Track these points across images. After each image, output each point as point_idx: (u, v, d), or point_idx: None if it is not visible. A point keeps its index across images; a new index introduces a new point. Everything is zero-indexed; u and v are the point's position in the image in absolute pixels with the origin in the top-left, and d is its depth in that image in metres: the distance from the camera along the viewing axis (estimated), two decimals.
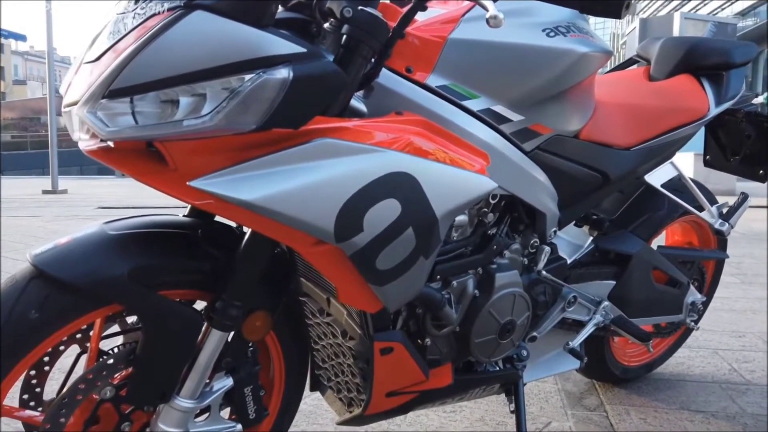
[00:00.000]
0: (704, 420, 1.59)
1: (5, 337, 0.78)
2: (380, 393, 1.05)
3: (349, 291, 0.89)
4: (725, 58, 1.46)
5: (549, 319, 1.31)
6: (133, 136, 0.74)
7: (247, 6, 0.72)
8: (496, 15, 0.74)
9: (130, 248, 0.86)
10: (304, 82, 0.74)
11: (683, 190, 1.53)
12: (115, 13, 0.79)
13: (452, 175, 0.87)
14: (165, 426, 0.91)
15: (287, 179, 0.76)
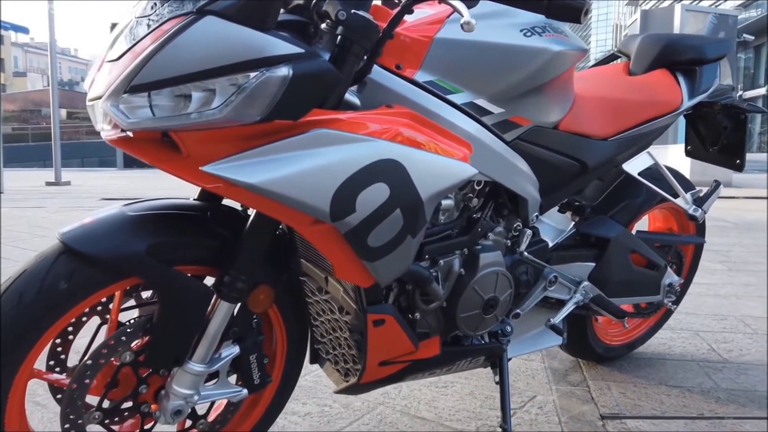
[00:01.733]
0: (680, 394, 1.69)
1: (39, 305, 0.88)
2: (374, 362, 1.14)
3: (344, 267, 0.99)
4: (698, 54, 1.55)
5: (531, 297, 1.41)
6: (150, 127, 0.84)
7: (252, 12, 0.82)
8: (469, 21, 0.83)
9: (148, 227, 0.96)
10: (302, 79, 0.83)
11: (660, 178, 1.62)
12: (133, 16, 0.89)
13: (436, 162, 0.97)
14: (179, 387, 1.01)
15: (288, 165, 0.85)
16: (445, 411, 1.61)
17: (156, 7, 0.85)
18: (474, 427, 1.52)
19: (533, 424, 1.53)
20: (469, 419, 1.56)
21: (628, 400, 1.65)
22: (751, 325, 2.28)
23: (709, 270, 3.22)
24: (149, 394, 1.03)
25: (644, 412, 1.59)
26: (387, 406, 1.62)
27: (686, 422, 1.53)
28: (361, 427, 1.51)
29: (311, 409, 1.60)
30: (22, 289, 0.89)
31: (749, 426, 1.51)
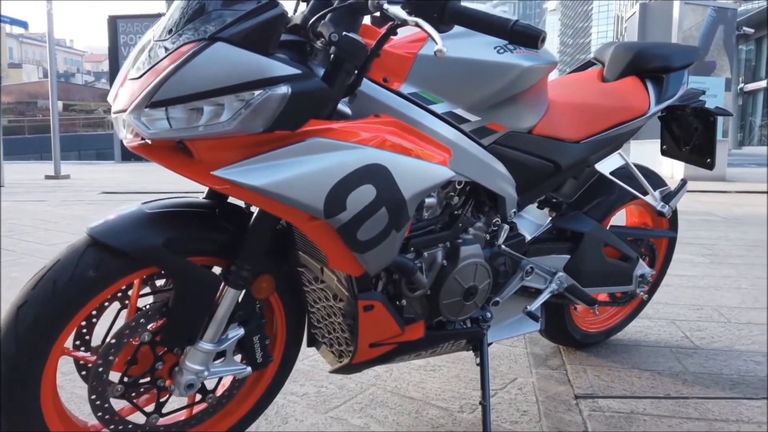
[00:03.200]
0: (650, 377, 1.83)
1: (71, 291, 1.01)
2: (364, 344, 1.28)
3: (337, 258, 1.12)
4: (665, 63, 1.68)
5: (510, 287, 1.54)
6: (167, 137, 0.96)
7: (256, 39, 0.94)
8: (441, 49, 0.96)
9: (164, 223, 1.08)
10: (299, 96, 0.96)
11: (632, 177, 1.75)
12: (153, 39, 1.01)
13: (417, 166, 1.09)
14: (191, 364, 1.14)
15: (287, 169, 0.98)
16: (432, 391, 1.74)
17: (173, 33, 0.97)
18: (458, 406, 1.65)
19: (512, 403, 1.67)
20: (453, 399, 1.70)
21: (602, 382, 1.79)
22: (725, 315, 2.42)
23: (692, 263, 3.36)
24: (165, 370, 1.16)
25: (615, 392, 1.72)
26: (378, 387, 1.76)
27: (653, 401, 1.66)
28: (354, 406, 1.64)
29: (309, 390, 1.74)
30: (55, 277, 1.02)
31: (710, 405, 1.64)
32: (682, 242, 3.92)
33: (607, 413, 1.59)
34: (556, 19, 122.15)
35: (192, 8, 0.98)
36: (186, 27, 0.97)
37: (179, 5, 1.01)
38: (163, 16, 1.06)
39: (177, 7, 1.02)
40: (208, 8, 0.96)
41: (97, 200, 6.54)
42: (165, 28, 1.01)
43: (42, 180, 9.31)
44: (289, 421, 1.56)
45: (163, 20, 1.04)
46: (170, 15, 1.02)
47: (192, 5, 0.99)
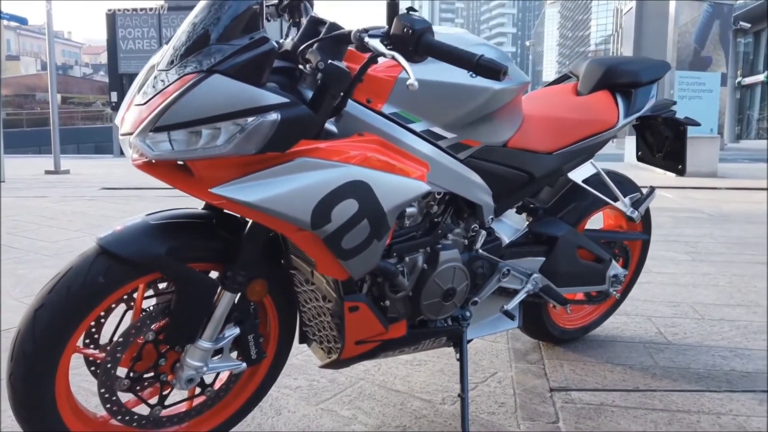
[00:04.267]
0: (622, 371, 1.95)
1: (82, 295, 1.12)
2: (351, 342, 1.39)
3: (324, 264, 1.23)
4: (634, 79, 1.79)
5: (487, 287, 1.66)
6: (170, 157, 1.07)
7: (249, 72, 1.05)
8: (413, 83, 1.06)
9: (166, 233, 1.20)
10: (288, 122, 1.07)
11: (604, 184, 1.86)
12: (156, 68, 1.12)
13: (396, 181, 1.20)
14: (191, 360, 1.25)
15: (277, 186, 1.09)
16: (417, 385, 1.86)
17: (174, 64, 1.08)
18: (440, 398, 1.77)
19: (491, 396, 1.79)
20: (437, 391, 1.82)
21: (576, 376, 1.91)
22: (700, 311, 2.54)
23: (674, 260, 3.47)
24: (167, 366, 1.28)
25: (588, 385, 1.84)
26: (367, 381, 1.88)
27: (622, 394, 1.78)
28: (343, 399, 1.76)
29: (301, 383, 1.86)
30: (69, 283, 1.13)
31: (675, 397, 1.76)
32: (667, 240, 4.04)
33: (579, 405, 1.71)
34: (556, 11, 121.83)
35: (192, 41, 1.09)
36: (187, 59, 1.07)
37: (181, 36, 1.12)
38: (166, 45, 1.17)
39: (179, 38, 1.12)
40: (206, 42, 1.07)
41: (97, 196, 6.64)
42: (167, 58, 1.11)
43: (42, 175, 9.40)
44: (282, 413, 1.67)
45: (166, 49, 1.14)
46: (172, 45, 1.13)
47: (192, 38, 1.09)
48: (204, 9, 1.12)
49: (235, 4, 1.09)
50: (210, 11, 1.10)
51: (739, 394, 1.78)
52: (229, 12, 1.09)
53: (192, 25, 1.11)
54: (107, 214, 5.23)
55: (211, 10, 1.10)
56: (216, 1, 1.11)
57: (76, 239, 4.10)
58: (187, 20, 1.14)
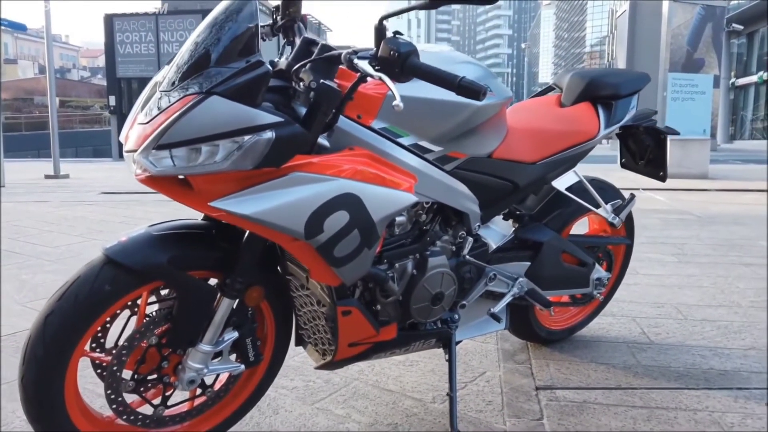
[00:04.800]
0: (605, 370, 2.03)
1: (90, 303, 1.20)
2: (344, 344, 1.47)
3: (318, 271, 1.31)
4: (614, 91, 1.87)
5: (475, 291, 1.73)
6: (171, 173, 1.15)
7: (245, 93, 1.13)
8: (398, 104, 1.14)
9: (168, 243, 1.27)
10: (282, 140, 1.15)
11: (587, 192, 1.94)
12: (159, 90, 1.19)
13: (385, 193, 1.28)
14: (192, 363, 1.33)
15: (273, 200, 1.17)
16: (409, 384, 1.94)
17: (175, 86, 1.16)
18: (431, 397, 1.85)
19: (479, 394, 1.87)
20: (427, 391, 1.90)
21: (561, 375, 1.99)
22: (683, 312, 2.63)
23: (661, 262, 3.56)
24: (170, 368, 1.35)
25: (572, 384, 1.93)
26: (361, 381, 1.96)
27: (604, 392, 1.87)
28: (338, 398, 1.84)
29: (298, 384, 1.93)
30: (77, 291, 1.20)
31: (654, 394, 1.85)
32: (655, 242, 4.13)
33: (562, 402, 1.79)
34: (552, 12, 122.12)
35: (194, 60, 1.16)
36: (188, 81, 1.15)
37: (184, 55, 1.19)
38: (167, 66, 1.25)
39: (182, 56, 1.20)
40: (207, 64, 1.15)
41: (97, 201, 6.70)
42: (170, 78, 1.19)
43: (42, 180, 9.46)
44: (279, 412, 1.75)
45: (168, 70, 1.22)
46: (176, 63, 1.20)
47: (194, 57, 1.17)
48: (206, 29, 1.20)
49: (234, 26, 1.17)
50: (211, 31, 1.18)
51: (715, 392, 1.86)
52: (228, 33, 1.17)
53: (194, 44, 1.19)
54: (108, 219, 5.30)
55: (213, 30, 1.18)
56: (217, 22, 1.19)
57: (77, 244, 4.17)
58: (190, 39, 1.22)
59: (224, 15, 1.20)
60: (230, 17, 1.19)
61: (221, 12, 1.21)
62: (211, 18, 1.22)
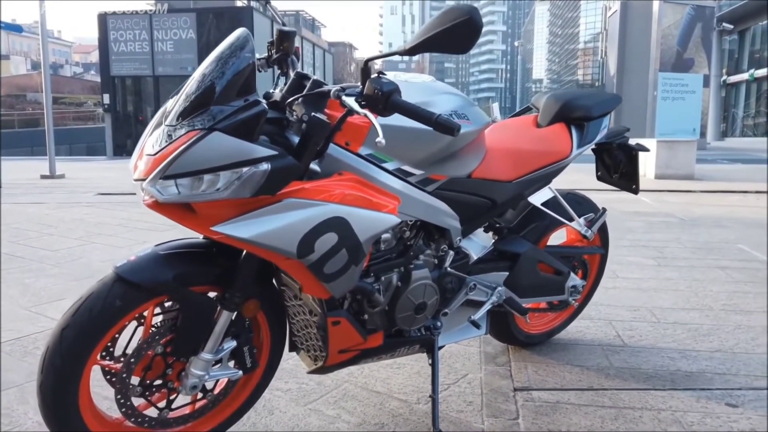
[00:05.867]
0: (579, 371, 2.17)
1: (103, 317, 1.32)
2: (334, 350, 1.60)
3: (309, 286, 1.44)
4: (586, 113, 2.01)
5: (456, 300, 1.87)
6: (176, 200, 1.27)
7: (243, 130, 1.25)
8: (380, 141, 1.26)
9: (173, 261, 1.40)
10: (276, 171, 1.27)
11: (562, 206, 2.08)
12: (165, 124, 1.31)
13: (370, 215, 1.41)
14: (194, 370, 1.46)
15: (268, 224, 1.30)
16: (396, 386, 2.07)
17: (179, 121, 1.28)
18: (416, 399, 1.99)
19: (461, 396, 2.00)
20: (413, 392, 2.03)
21: (538, 377, 2.13)
22: (657, 315, 2.77)
23: (640, 266, 3.71)
24: (174, 374, 1.48)
25: (548, 385, 2.06)
26: (350, 383, 2.09)
27: (576, 393, 2.01)
28: (329, 400, 1.97)
29: (292, 386, 2.06)
30: (91, 306, 1.33)
31: (623, 395, 1.99)
32: (637, 245, 4.27)
33: (537, 403, 1.93)
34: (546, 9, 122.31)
35: (199, 96, 1.28)
36: (191, 117, 1.27)
37: (192, 85, 1.31)
38: (173, 99, 1.37)
39: (190, 85, 1.32)
40: (210, 101, 1.27)
41: (94, 202, 6.80)
42: (176, 112, 1.31)
43: (38, 180, 9.54)
44: (274, 413, 1.88)
45: (174, 104, 1.34)
46: (185, 92, 1.32)
47: (199, 92, 1.29)
48: (213, 62, 1.32)
49: (237, 61, 1.30)
50: (217, 65, 1.31)
51: (680, 392, 2.00)
52: (232, 68, 1.30)
53: (202, 75, 1.31)
54: (105, 222, 5.41)
55: (219, 63, 1.31)
56: (223, 57, 1.31)
57: (77, 247, 4.28)
58: (199, 70, 1.34)
59: (229, 50, 1.33)
60: (234, 53, 1.32)
61: (227, 47, 1.34)
62: (219, 51, 1.35)
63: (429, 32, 1.25)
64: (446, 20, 1.23)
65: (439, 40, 1.25)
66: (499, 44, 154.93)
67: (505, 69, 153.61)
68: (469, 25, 1.21)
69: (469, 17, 1.20)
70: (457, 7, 1.22)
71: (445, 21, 1.23)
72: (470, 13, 1.21)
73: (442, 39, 1.24)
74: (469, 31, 1.22)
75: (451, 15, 1.23)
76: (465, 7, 1.22)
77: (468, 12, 1.21)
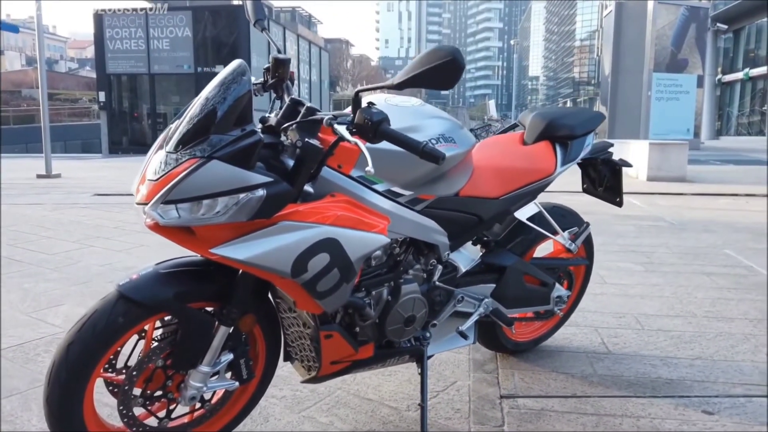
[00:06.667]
0: (564, 379, 2.26)
1: (107, 333, 1.39)
2: (327, 362, 1.67)
3: (303, 303, 1.51)
4: (570, 132, 2.09)
5: (444, 312, 1.95)
6: (177, 224, 1.34)
7: (241, 158, 1.32)
8: (369, 170, 1.34)
9: (173, 280, 1.47)
10: (271, 196, 1.35)
11: (546, 220, 2.16)
12: (165, 152, 1.38)
13: (360, 236, 1.48)
14: (193, 382, 1.53)
15: (263, 245, 1.37)
16: (387, 393, 2.15)
17: (180, 149, 1.35)
18: (405, 406, 2.07)
19: (449, 403, 2.08)
20: (403, 399, 2.11)
21: (524, 384, 2.21)
22: (642, 322, 2.86)
23: (628, 271, 3.79)
24: (173, 386, 1.55)
25: (533, 392, 2.14)
26: (343, 390, 2.16)
27: (560, 400, 2.09)
28: (322, 407, 2.05)
29: (286, 393, 2.14)
30: (95, 323, 1.40)
31: (605, 402, 2.07)
32: (626, 250, 4.36)
33: (523, 410, 2.01)
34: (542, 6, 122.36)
35: (196, 130, 1.35)
36: (191, 144, 1.34)
37: (196, 107, 1.38)
38: (176, 123, 1.43)
39: (194, 107, 1.39)
40: (207, 131, 1.34)
41: (91, 204, 6.85)
42: (176, 139, 1.38)
43: (34, 179, 9.58)
44: (269, 420, 1.96)
45: (175, 131, 1.41)
46: (189, 114, 1.38)
47: (204, 111, 1.35)
48: (216, 87, 1.40)
49: (237, 87, 1.37)
50: (219, 90, 1.38)
51: (659, 400, 2.09)
52: (233, 94, 1.37)
53: (205, 100, 1.38)
54: (102, 224, 5.47)
55: (221, 89, 1.38)
56: (226, 82, 1.39)
57: (75, 251, 4.34)
58: (203, 93, 1.41)
59: (232, 76, 1.40)
60: (236, 79, 1.39)
61: (230, 73, 1.41)
62: (222, 77, 1.42)
63: (416, 69, 1.33)
64: (432, 59, 1.31)
65: (426, 78, 1.32)
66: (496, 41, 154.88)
67: (502, 66, 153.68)
68: (452, 65, 1.29)
69: (452, 58, 1.28)
70: (441, 48, 1.30)
71: (431, 60, 1.31)
72: (453, 54, 1.29)
73: (428, 76, 1.32)
74: (452, 70, 1.30)
75: (436, 55, 1.30)
76: (449, 49, 1.29)
77: (451, 53, 1.29)
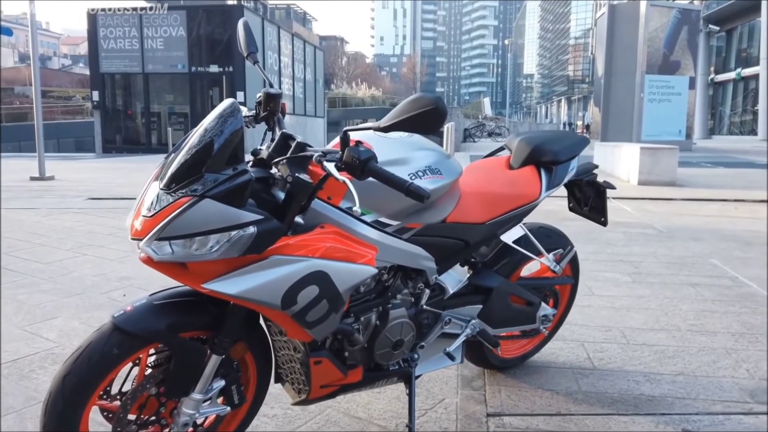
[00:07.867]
0: (549, 396, 2.31)
1: (102, 364, 1.44)
2: (317, 386, 1.72)
3: (293, 331, 1.56)
4: (554, 157, 2.14)
5: (432, 334, 1.99)
6: (170, 260, 1.39)
7: (232, 197, 1.36)
8: (357, 209, 1.39)
9: (166, 311, 1.51)
10: (262, 233, 1.39)
11: (531, 243, 2.21)
12: (158, 188, 1.42)
13: (349, 267, 1.53)
14: (186, 409, 1.58)
15: (254, 280, 1.41)
16: (376, 412, 2.20)
17: (173, 187, 1.39)
18: (394, 425, 2.12)
19: (437, 421, 2.13)
20: (392, 418, 2.16)
21: (511, 402, 2.27)
22: (627, 336, 2.91)
23: (615, 282, 3.85)
24: (167, 413, 1.59)
25: (519, 410, 2.20)
26: (333, 408, 2.21)
27: (545, 418, 2.14)
28: (312, 426, 2.09)
29: (277, 412, 2.18)
30: (90, 354, 1.44)
31: (588, 420, 2.13)
32: (614, 260, 4.43)
33: (508, 429, 2.07)
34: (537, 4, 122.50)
35: (189, 166, 1.39)
36: (185, 183, 1.38)
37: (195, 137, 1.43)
38: (168, 160, 1.47)
39: (193, 137, 1.44)
40: (201, 170, 1.38)
41: (84, 208, 6.86)
42: (169, 177, 1.42)
43: (27, 182, 9.56)
44: None
45: (168, 167, 1.45)
46: (189, 144, 1.43)
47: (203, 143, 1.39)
48: (215, 119, 1.44)
49: (234, 121, 1.42)
50: (218, 122, 1.43)
51: (641, 417, 2.14)
52: (230, 127, 1.42)
53: (204, 130, 1.43)
54: (95, 231, 5.49)
55: (219, 121, 1.43)
56: (224, 115, 1.44)
57: (69, 260, 4.37)
58: (203, 125, 1.46)
59: (230, 109, 1.45)
60: (233, 113, 1.44)
61: (228, 106, 1.46)
62: (220, 110, 1.47)
63: (402, 115, 1.38)
64: (416, 107, 1.35)
65: (410, 123, 1.37)
66: (491, 39, 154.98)
67: (497, 64, 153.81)
68: (435, 113, 1.34)
69: (435, 107, 1.33)
70: (425, 97, 1.35)
71: (416, 107, 1.36)
72: (436, 103, 1.34)
73: (412, 122, 1.37)
74: (435, 118, 1.35)
75: (420, 103, 1.35)
76: (432, 97, 1.35)
77: (434, 102, 1.34)
